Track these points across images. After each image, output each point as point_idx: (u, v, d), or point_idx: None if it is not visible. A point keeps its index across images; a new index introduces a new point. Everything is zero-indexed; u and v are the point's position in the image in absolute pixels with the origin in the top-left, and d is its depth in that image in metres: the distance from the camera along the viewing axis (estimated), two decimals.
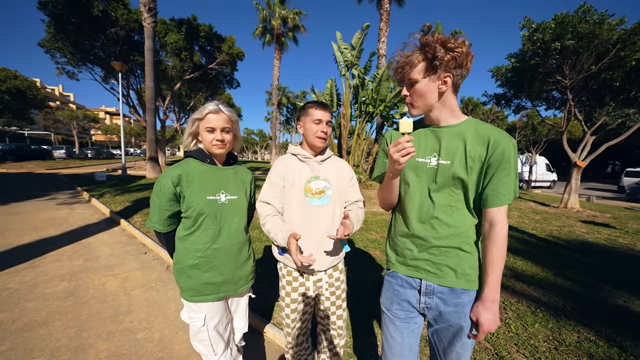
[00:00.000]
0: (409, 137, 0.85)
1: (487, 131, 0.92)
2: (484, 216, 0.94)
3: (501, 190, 0.89)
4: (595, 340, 2.01)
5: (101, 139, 53.07)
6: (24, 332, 2.03)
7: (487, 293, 0.90)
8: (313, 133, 1.33)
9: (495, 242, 0.90)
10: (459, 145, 0.93)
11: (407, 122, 0.89)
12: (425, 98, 0.93)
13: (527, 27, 7.17)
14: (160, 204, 1.16)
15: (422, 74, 0.90)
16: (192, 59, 14.82)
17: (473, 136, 0.92)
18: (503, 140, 0.89)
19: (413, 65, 0.90)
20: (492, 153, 0.89)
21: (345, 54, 8.27)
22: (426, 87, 0.91)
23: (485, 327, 0.89)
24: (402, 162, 0.86)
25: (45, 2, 11.39)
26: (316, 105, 1.35)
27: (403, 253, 1.04)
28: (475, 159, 0.91)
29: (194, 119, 1.22)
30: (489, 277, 0.90)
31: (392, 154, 0.87)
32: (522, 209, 7.87)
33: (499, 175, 0.89)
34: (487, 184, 0.91)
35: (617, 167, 28.06)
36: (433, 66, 0.88)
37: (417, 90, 0.92)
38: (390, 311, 1.06)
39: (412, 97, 0.95)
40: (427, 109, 0.96)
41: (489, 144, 0.89)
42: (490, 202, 0.91)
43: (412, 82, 0.92)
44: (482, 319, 0.89)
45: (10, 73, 20.86)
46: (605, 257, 3.95)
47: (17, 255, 3.42)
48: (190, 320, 1.23)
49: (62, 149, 23.60)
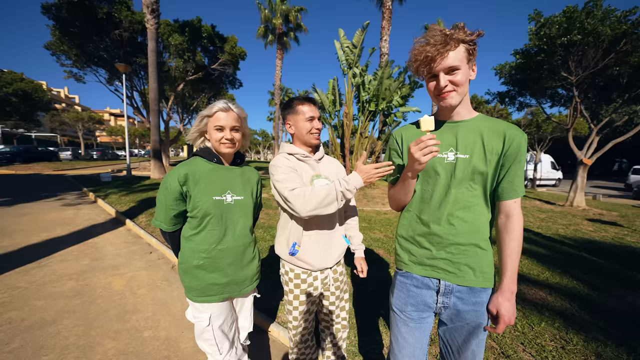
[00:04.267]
0: (431, 135, 0.82)
1: (502, 126, 0.93)
2: (499, 209, 0.96)
3: (517, 182, 0.91)
4: (603, 339, 1.99)
5: (106, 140, 53.72)
6: (33, 330, 2.06)
7: (507, 284, 0.91)
8: (307, 131, 1.28)
9: (512, 234, 0.91)
10: (477, 139, 0.93)
11: (429, 119, 0.85)
12: (465, 86, 0.90)
13: (535, 21, 7.06)
14: (166, 202, 1.15)
15: (463, 61, 0.86)
16: (194, 60, 14.91)
17: (489, 130, 0.93)
18: (518, 135, 0.91)
19: (450, 52, 0.85)
20: (508, 147, 0.90)
21: (347, 52, 8.25)
22: (466, 74, 0.88)
23: (506, 319, 0.89)
24: (424, 162, 0.84)
25: (48, 7, 11.54)
26: (304, 101, 1.29)
27: (419, 253, 1.01)
28: (493, 152, 0.91)
29: (203, 116, 1.19)
30: (507, 268, 0.91)
31: (413, 152, 0.85)
32: (528, 207, 7.79)
33: (515, 167, 0.91)
34: (503, 177, 0.92)
35: (624, 164, 27.65)
36: (470, 52, 0.87)
37: (462, 77, 0.87)
38: (404, 312, 1.03)
39: (456, 85, 0.89)
40: (461, 99, 0.92)
41: (505, 138, 0.91)
42: (506, 195, 0.92)
43: (454, 69, 0.86)
44: (503, 311, 0.89)
45: (16, 76, 21.21)
46: (612, 255, 3.90)
47: (26, 255, 3.48)
48: (195, 320, 1.23)
49: (68, 150, 23.90)
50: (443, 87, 0.88)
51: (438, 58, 0.85)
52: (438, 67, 0.86)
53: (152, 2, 9.95)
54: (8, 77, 20.53)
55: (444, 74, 0.87)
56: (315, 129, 1.29)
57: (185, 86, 16.69)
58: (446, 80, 0.88)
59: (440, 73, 0.87)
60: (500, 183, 0.93)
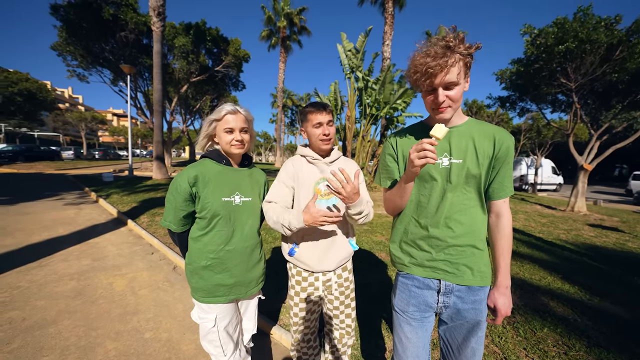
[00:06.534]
0: (432, 140, 0.83)
1: (491, 129, 0.98)
2: (489, 209, 1.01)
3: (506, 183, 0.97)
4: (605, 345, 1.98)
5: (108, 140, 53.89)
6: (34, 330, 2.06)
7: (501, 280, 0.97)
8: (316, 137, 1.33)
9: (503, 233, 0.98)
10: (469, 143, 0.97)
11: (441, 127, 0.85)
12: (460, 100, 0.93)
13: (528, 33, 7.13)
14: (176, 203, 1.17)
15: (461, 76, 0.89)
16: (198, 61, 15.04)
17: (479, 134, 0.97)
18: (507, 138, 0.96)
19: (451, 68, 0.86)
20: (498, 149, 0.95)
21: (349, 56, 8.32)
22: (462, 89, 0.91)
23: (502, 312, 0.96)
24: (417, 165, 0.85)
25: (57, 7, 11.69)
26: (314, 108, 1.33)
27: (419, 255, 1.04)
28: (484, 155, 0.96)
29: (211, 120, 1.22)
30: (500, 265, 0.97)
31: (411, 152, 0.87)
32: (529, 212, 7.78)
33: (504, 169, 0.96)
34: (494, 179, 0.98)
35: (625, 170, 27.64)
36: (467, 65, 0.90)
37: (458, 92, 0.90)
38: (406, 313, 1.05)
39: (452, 101, 0.91)
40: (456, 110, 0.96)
41: (495, 141, 0.96)
42: (497, 195, 0.98)
43: (453, 84, 0.88)
44: (500, 305, 0.96)
45: (22, 76, 21.37)
46: (614, 261, 3.89)
47: (27, 254, 3.48)
48: (201, 321, 1.24)
49: (70, 150, 23.99)
50: (441, 103, 0.91)
51: (439, 73, 0.86)
52: (438, 82, 0.88)
53: (159, 5, 10.06)
54: (14, 77, 20.69)
55: (443, 89, 0.90)
56: (324, 135, 1.32)
57: (189, 88, 16.81)
58: (444, 96, 0.90)
59: (440, 88, 0.89)
60: (491, 184, 0.98)
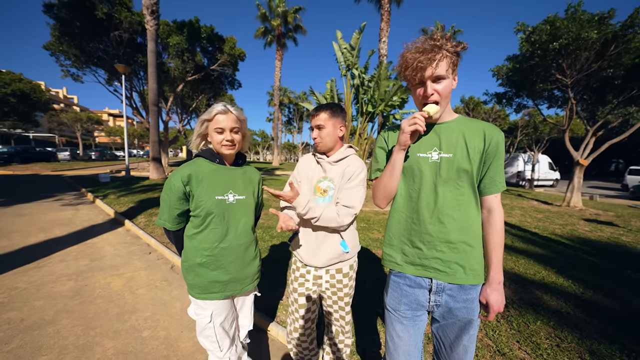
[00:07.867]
0: (423, 113, 0.91)
1: (480, 125, 1.00)
2: (481, 204, 1.01)
3: (497, 178, 0.98)
4: (597, 337, 2.02)
5: (104, 140, 53.51)
6: (32, 330, 2.07)
7: (493, 276, 0.97)
8: (314, 138, 1.41)
9: (495, 228, 0.98)
10: (459, 138, 0.98)
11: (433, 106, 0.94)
12: (449, 95, 0.98)
13: (522, 31, 7.16)
14: (170, 202, 1.18)
15: (449, 71, 0.93)
16: (194, 60, 14.93)
17: (470, 130, 0.99)
18: (496, 133, 0.97)
19: (439, 63, 0.91)
20: (488, 145, 0.96)
21: (345, 54, 8.29)
22: (450, 84, 0.95)
23: (495, 308, 0.95)
24: (407, 132, 0.92)
25: (50, 6, 11.55)
26: (312, 111, 1.41)
27: (411, 252, 1.04)
28: (475, 150, 0.97)
29: (203, 120, 1.23)
30: (493, 260, 0.97)
31: (402, 124, 0.95)
32: (525, 207, 7.84)
33: (495, 164, 0.97)
34: (485, 174, 0.99)
35: (620, 165, 27.88)
36: (454, 63, 0.93)
37: (446, 87, 0.94)
38: (398, 311, 1.05)
39: (440, 94, 0.95)
40: (445, 106, 1.00)
41: (485, 136, 0.97)
42: (488, 190, 0.99)
43: (440, 78, 0.93)
44: (492, 301, 0.95)
45: (15, 76, 21.12)
46: (607, 255, 3.94)
47: (24, 255, 3.48)
48: (197, 317, 1.25)
49: (66, 150, 23.75)
50: (430, 95, 0.95)
51: (428, 66, 0.91)
52: (428, 75, 0.92)
53: (152, 3, 9.96)
54: (6, 78, 20.44)
55: (431, 82, 0.93)
56: (314, 137, 1.40)
57: (185, 87, 16.71)
58: (432, 89, 0.94)
59: (428, 81, 0.93)
60: (482, 179, 0.99)
